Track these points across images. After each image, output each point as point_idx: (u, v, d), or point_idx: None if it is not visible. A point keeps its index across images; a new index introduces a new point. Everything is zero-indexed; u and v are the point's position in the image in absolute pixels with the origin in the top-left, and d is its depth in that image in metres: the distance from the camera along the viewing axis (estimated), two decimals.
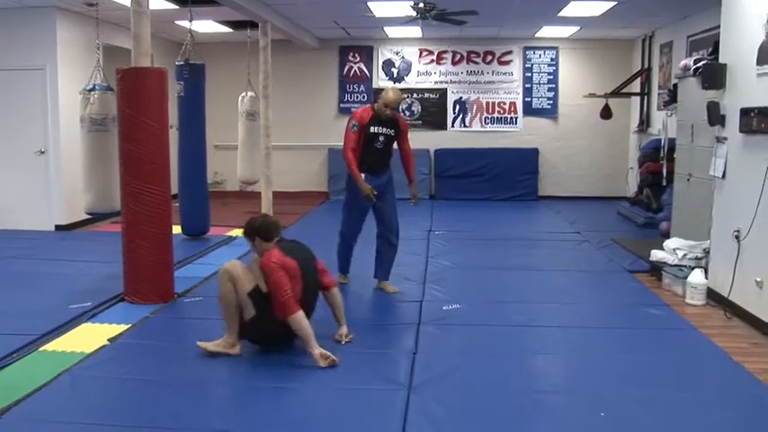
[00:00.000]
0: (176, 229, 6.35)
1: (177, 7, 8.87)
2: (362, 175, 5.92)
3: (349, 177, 6.06)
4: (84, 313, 5.43)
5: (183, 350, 4.68)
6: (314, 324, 4.49)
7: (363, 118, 5.96)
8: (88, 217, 8.16)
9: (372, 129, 5.94)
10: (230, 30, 11.12)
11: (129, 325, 5.17)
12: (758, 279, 5.15)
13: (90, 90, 6.59)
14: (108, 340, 4.82)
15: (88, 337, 4.91)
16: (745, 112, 5.33)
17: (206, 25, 10.67)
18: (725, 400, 3.92)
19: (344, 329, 4.82)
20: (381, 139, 5.96)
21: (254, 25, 9.93)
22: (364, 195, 5.92)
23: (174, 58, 8.52)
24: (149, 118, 5.60)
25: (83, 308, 5.52)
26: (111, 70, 6.07)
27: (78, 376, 4.19)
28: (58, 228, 9.24)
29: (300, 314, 4.36)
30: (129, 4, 5.75)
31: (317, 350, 4.33)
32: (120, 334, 4.96)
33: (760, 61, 5.16)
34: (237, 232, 9.04)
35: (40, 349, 4.68)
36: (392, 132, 6.02)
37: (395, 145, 6.13)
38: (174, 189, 6.94)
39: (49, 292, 6.02)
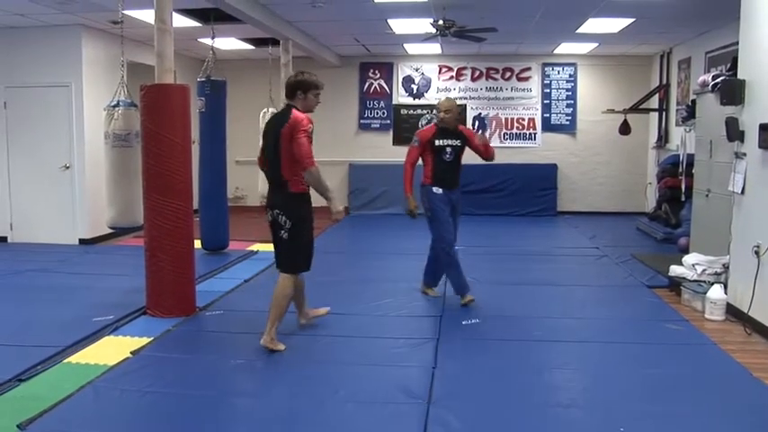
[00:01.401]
0: (196, 244, 6.41)
1: (200, 25, 9.01)
2: (437, 189, 6.08)
3: (422, 191, 6.16)
4: (107, 326, 5.50)
5: (204, 363, 4.74)
6: None
7: (425, 134, 6.14)
8: (111, 231, 8.25)
9: (438, 142, 6.08)
10: (252, 47, 11.25)
11: (152, 338, 5.23)
12: None
13: (114, 106, 6.67)
14: (131, 353, 4.88)
15: (111, 350, 4.97)
16: (764, 128, 5.34)
17: (228, 42, 10.80)
18: (745, 416, 3.91)
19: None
20: (449, 150, 6.08)
21: (275, 42, 10.05)
22: (407, 211, 6.17)
23: (197, 75, 8.64)
24: (172, 133, 5.69)
25: (106, 321, 5.60)
26: (135, 87, 6.17)
27: (101, 388, 4.24)
28: (82, 242, 9.38)
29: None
30: (153, 22, 5.85)
31: None
32: (143, 347, 5.02)
33: None
34: (258, 246, 9.12)
35: (64, 361, 4.75)
36: (458, 143, 6.12)
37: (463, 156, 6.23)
38: (195, 204, 7.02)
39: (73, 305, 6.11)
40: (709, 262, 6.44)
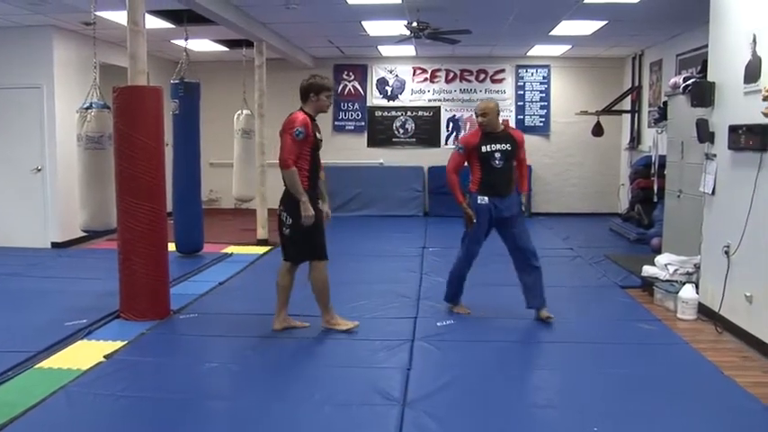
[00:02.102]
0: (170, 247, 6.37)
1: (173, 26, 8.95)
2: (482, 199, 5.70)
3: (468, 198, 5.79)
4: (80, 330, 5.45)
5: (178, 366, 4.72)
6: None
7: (470, 140, 5.74)
8: (84, 234, 8.18)
9: (485, 148, 5.65)
10: (226, 48, 11.21)
11: (125, 342, 5.18)
12: (748, 294, 5.20)
13: (87, 108, 6.61)
14: (104, 357, 4.83)
15: (84, 354, 4.92)
16: (733, 130, 5.41)
17: (202, 44, 10.74)
18: (716, 414, 3.96)
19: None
20: (498, 155, 5.64)
21: (249, 44, 10.02)
22: (466, 220, 5.75)
23: (170, 76, 8.59)
24: (145, 136, 5.65)
25: (78, 325, 5.54)
26: (108, 88, 6.12)
27: (74, 393, 4.20)
28: (54, 245, 9.27)
29: None
30: (125, 24, 5.81)
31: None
32: (116, 351, 4.98)
33: (747, 79, 5.24)
34: (233, 249, 9.09)
35: (36, 366, 4.69)
36: (508, 147, 5.68)
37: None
38: (169, 207, 6.98)
39: (45, 310, 6.04)
40: (681, 262, 6.51)
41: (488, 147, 5.65)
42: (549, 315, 5.76)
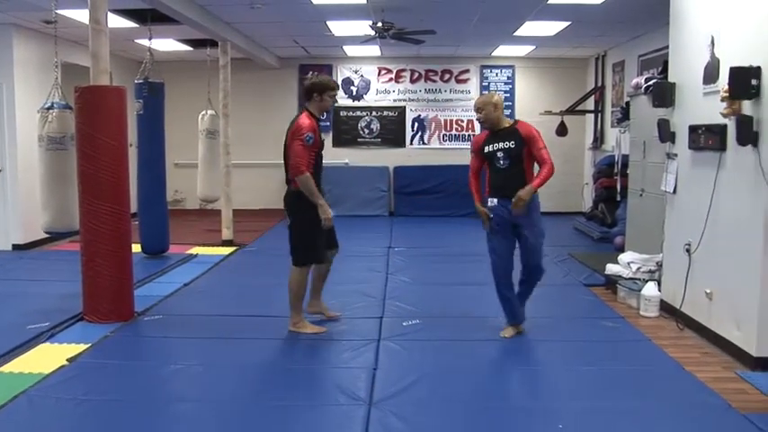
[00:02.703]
0: (136, 248, 6.32)
1: (137, 25, 8.86)
2: (492, 200, 5.25)
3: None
4: (43, 333, 5.37)
5: (143, 369, 4.67)
6: None
7: (477, 141, 5.33)
8: (46, 236, 8.07)
9: (487, 148, 5.21)
10: (190, 48, 11.12)
11: (89, 344, 5.12)
12: (708, 291, 5.29)
13: (48, 108, 6.50)
14: (67, 360, 4.77)
15: (46, 358, 4.85)
16: (693, 130, 5.50)
17: (166, 44, 10.65)
18: (678, 409, 4.02)
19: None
20: (500, 155, 5.14)
21: (213, 44, 9.94)
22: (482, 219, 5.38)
23: (134, 76, 8.50)
24: (108, 136, 5.59)
25: (41, 328, 5.46)
26: (70, 88, 6.04)
27: (36, 397, 4.14)
28: (16, 247, 9.12)
29: None
30: (87, 22, 5.74)
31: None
32: (80, 354, 4.92)
33: (706, 80, 5.32)
34: (198, 250, 9.03)
35: None
36: (511, 145, 5.13)
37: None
38: (134, 207, 6.91)
39: (6, 313, 5.95)
40: (644, 260, 6.60)
41: (491, 146, 5.20)
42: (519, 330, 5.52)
